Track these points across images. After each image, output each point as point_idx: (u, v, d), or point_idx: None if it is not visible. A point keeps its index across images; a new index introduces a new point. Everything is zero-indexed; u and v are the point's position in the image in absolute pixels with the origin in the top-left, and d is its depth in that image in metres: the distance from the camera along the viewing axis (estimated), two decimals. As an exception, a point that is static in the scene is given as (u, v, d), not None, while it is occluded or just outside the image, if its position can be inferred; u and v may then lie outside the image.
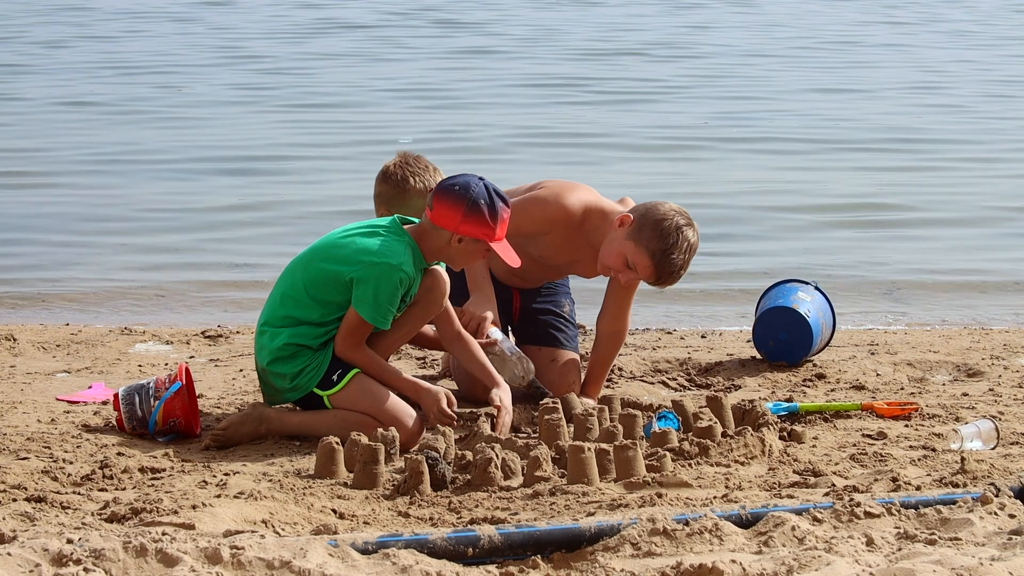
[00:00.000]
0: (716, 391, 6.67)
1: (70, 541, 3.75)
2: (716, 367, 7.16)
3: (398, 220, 5.80)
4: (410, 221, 5.82)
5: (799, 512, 4.34)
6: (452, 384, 6.64)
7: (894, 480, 4.94)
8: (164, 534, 3.86)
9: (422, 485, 4.98)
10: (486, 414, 5.94)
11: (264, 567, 3.71)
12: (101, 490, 4.95)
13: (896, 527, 4.29)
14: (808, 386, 6.77)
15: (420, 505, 4.86)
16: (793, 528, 4.18)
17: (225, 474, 5.16)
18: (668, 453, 5.30)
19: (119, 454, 5.43)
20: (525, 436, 5.85)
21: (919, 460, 5.38)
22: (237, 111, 16.12)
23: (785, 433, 5.79)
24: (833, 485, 4.93)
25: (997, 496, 4.49)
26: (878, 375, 6.97)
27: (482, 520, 4.57)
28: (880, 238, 10.79)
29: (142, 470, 5.22)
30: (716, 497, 4.84)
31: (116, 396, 5.78)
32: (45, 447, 5.45)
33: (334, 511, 4.72)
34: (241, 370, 6.96)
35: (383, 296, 5.64)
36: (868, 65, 21.42)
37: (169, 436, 5.74)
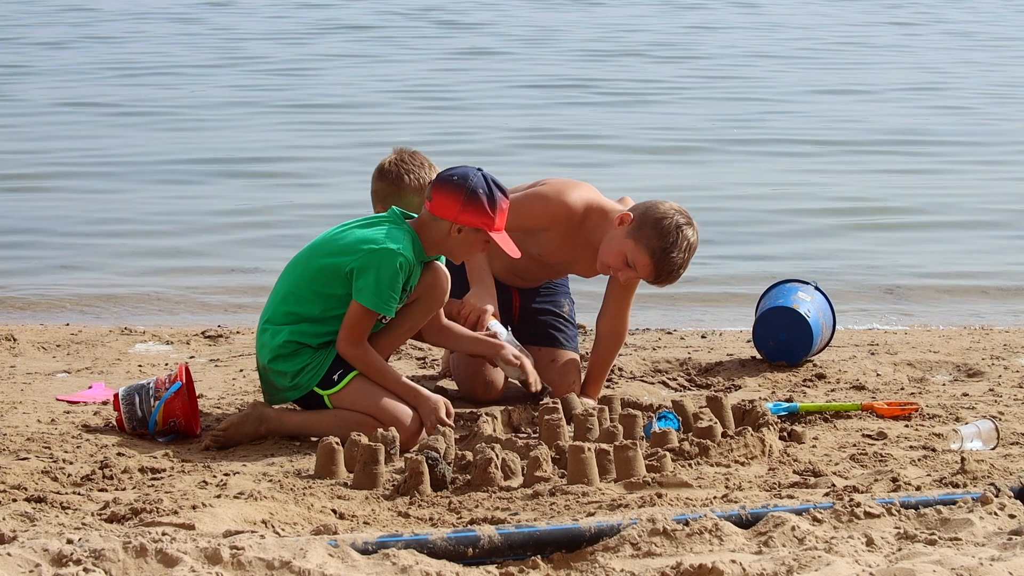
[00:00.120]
0: (716, 391, 6.66)
1: (70, 541, 3.75)
2: (716, 367, 7.16)
3: (398, 212, 5.80)
4: (410, 216, 5.82)
5: (799, 512, 4.34)
6: (452, 384, 6.64)
7: (894, 480, 4.94)
8: (164, 534, 3.86)
9: (422, 485, 4.98)
10: (486, 413, 5.94)
11: (264, 567, 3.71)
12: (101, 490, 4.95)
13: (896, 527, 4.29)
14: (808, 386, 6.77)
15: (420, 505, 4.86)
16: (793, 528, 4.18)
17: (225, 474, 5.16)
18: (668, 453, 5.30)
19: (119, 454, 5.43)
20: (525, 436, 5.85)
21: (919, 460, 5.38)
22: (237, 113, 16.10)
23: (785, 433, 5.79)
24: (833, 485, 4.93)
25: (997, 496, 4.49)
26: (878, 375, 6.97)
27: (482, 520, 4.57)
28: (882, 240, 10.78)
29: (142, 470, 5.22)
30: (716, 497, 4.84)
31: (116, 396, 5.78)
32: (45, 447, 5.45)
33: (334, 511, 4.72)
34: (241, 370, 6.96)
35: (384, 281, 5.60)
36: (871, 66, 21.40)
37: (169, 436, 5.74)
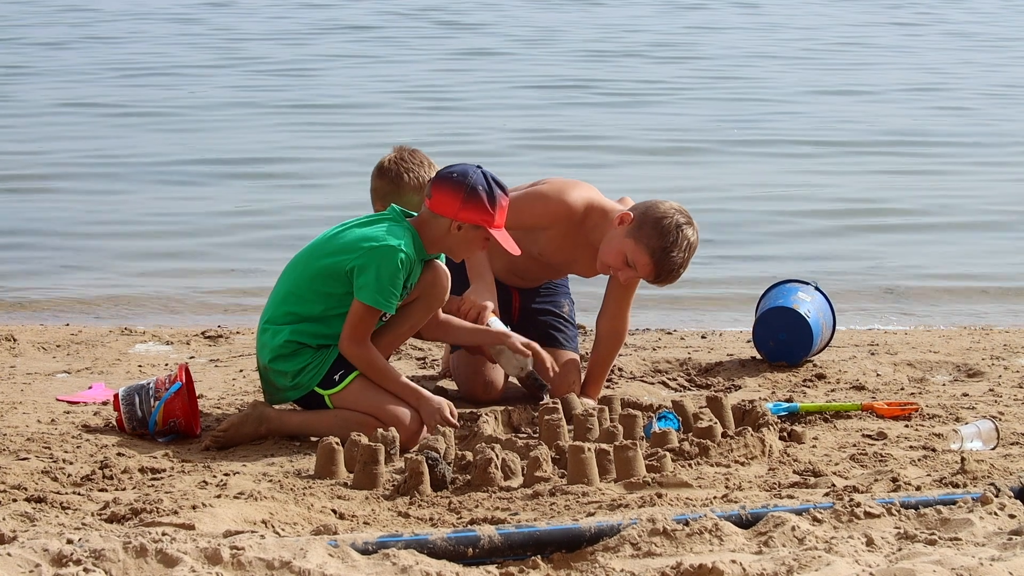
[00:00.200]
0: (716, 391, 6.66)
1: (70, 541, 3.75)
2: (716, 367, 7.16)
3: (398, 210, 5.79)
4: (410, 214, 5.81)
5: (799, 512, 4.34)
6: (452, 384, 6.64)
7: (894, 480, 4.94)
8: (164, 534, 3.86)
9: (422, 485, 4.98)
10: (486, 413, 5.94)
11: (264, 567, 3.71)
12: (101, 490, 4.95)
13: (896, 527, 4.29)
14: (808, 386, 6.77)
15: (420, 505, 4.86)
16: (793, 528, 4.18)
17: (225, 474, 5.16)
18: (668, 453, 5.30)
19: (119, 454, 5.43)
20: (525, 436, 5.85)
21: (919, 460, 5.38)
22: (238, 113, 16.09)
23: (785, 433, 5.79)
24: (833, 485, 4.93)
25: (997, 496, 4.49)
26: (878, 375, 6.97)
27: (482, 520, 4.57)
28: (882, 241, 10.77)
29: (142, 470, 5.22)
30: (716, 497, 4.84)
31: (116, 396, 5.78)
32: (45, 447, 5.45)
33: (334, 511, 4.72)
34: (241, 370, 6.96)
35: (385, 278, 5.59)
36: (872, 67, 21.40)
37: (169, 436, 5.74)
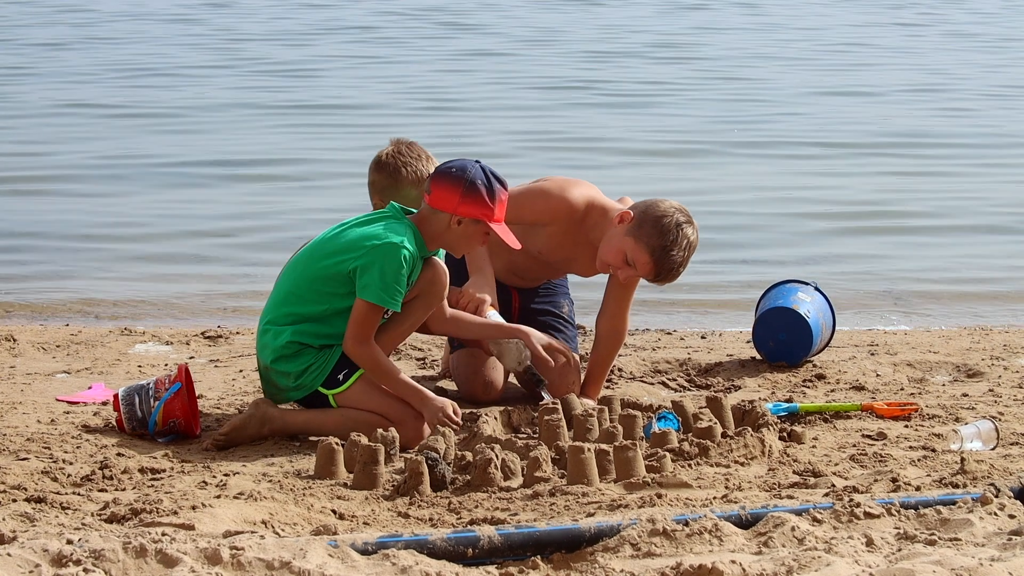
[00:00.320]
0: (716, 392, 6.66)
1: (70, 542, 3.75)
2: (716, 368, 7.16)
3: (397, 207, 5.79)
4: (409, 211, 5.81)
5: (799, 512, 4.34)
6: (452, 384, 6.64)
7: (894, 480, 4.94)
8: (164, 535, 3.86)
9: (422, 486, 4.98)
10: (486, 412, 5.94)
11: (264, 568, 3.71)
12: (101, 491, 4.95)
13: (896, 527, 4.29)
14: (808, 387, 6.77)
15: (420, 506, 4.86)
16: (793, 528, 4.18)
17: (225, 475, 5.16)
18: (668, 454, 5.30)
19: (119, 455, 5.43)
20: (525, 436, 5.85)
21: (919, 460, 5.38)
22: (239, 115, 16.07)
23: (785, 433, 5.79)
24: (833, 486, 4.93)
25: (997, 496, 4.49)
26: (878, 375, 6.97)
27: (482, 521, 4.57)
28: (883, 243, 10.77)
29: (142, 471, 5.22)
30: (716, 498, 4.84)
31: (116, 397, 5.78)
32: (45, 448, 5.45)
33: (334, 512, 4.72)
34: (241, 371, 6.96)
35: (389, 275, 5.58)
36: (874, 68, 21.38)
37: (169, 437, 5.74)
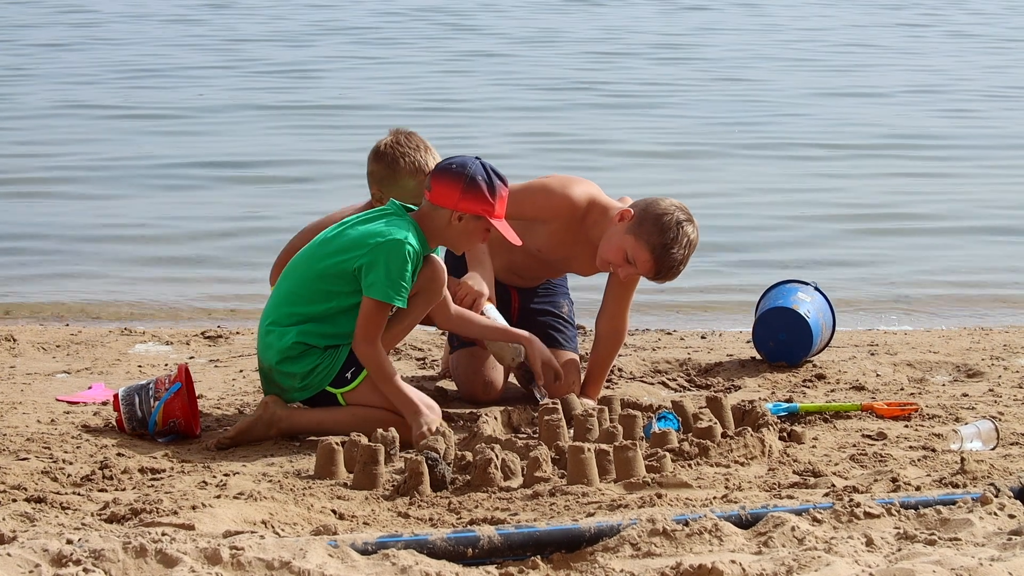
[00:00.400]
0: (716, 392, 6.66)
1: (70, 542, 3.75)
2: (716, 368, 7.16)
3: (397, 204, 5.79)
4: (410, 208, 5.81)
5: (799, 512, 4.34)
6: (451, 385, 6.64)
7: (894, 480, 4.94)
8: (164, 535, 3.86)
9: (422, 486, 4.98)
10: (486, 412, 5.94)
11: (264, 568, 3.71)
12: (101, 491, 4.95)
13: (896, 527, 4.29)
14: (808, 387, 6.77)
15: (420, 506, 4.86)
16: (793, 528, 4.18)
17: (225, 475, 5.16)
18: (668, 454, 5.30)
19: (119, 455, 5.43)
20: (525, 437, 5.85)
21: (919, 460, 5.38)
22: (239, 116, 16.05)
23: (785, 433, 5.79)
24: (833, 485, 4.93)
25: (997, 496, 4.49)
26: (878, 375, 6.98)
27: (482, 521, 4.57)
28: (884, 244, 10.76)
29: (142, 471, 5.22)
30: (716, 497, 4.84)
31: (116, 397, 5.78)
32: (45, 448, 5.45)
33: (334, 512, 4.72)
34: (241, 371, 6.96)
35: (394, 271, 5.58)
36: (877, 68, 21.37)
37: (169, 437, 5.74)
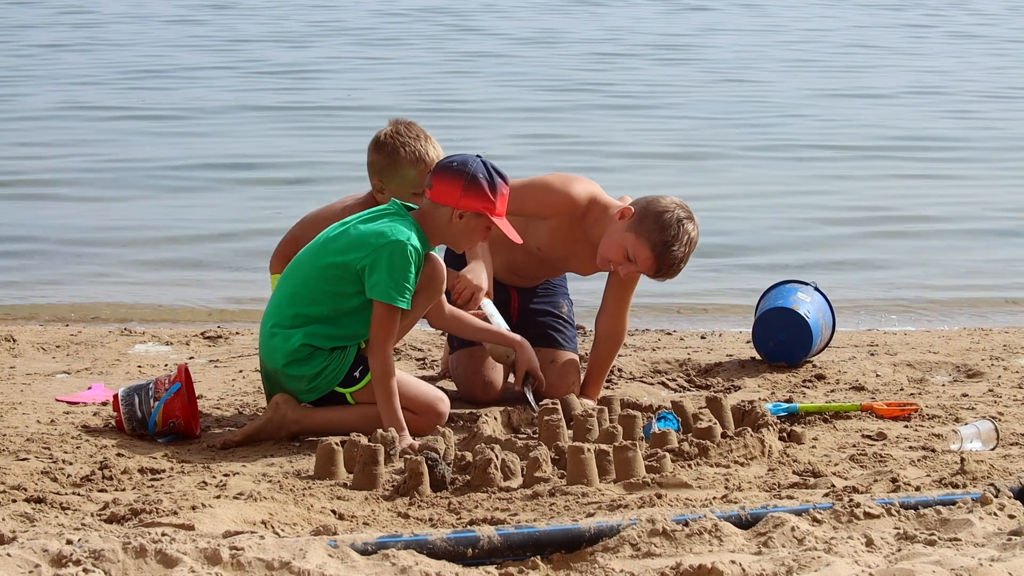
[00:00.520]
0: (716, 392, 6.66)
1: (70, 542, 3.75)
2: (716, 368, 7.16)
3: (399, 203, 5.79)
4: (411, 207, 5.81)
5: (799, 513, 4.34)
6: (451, 385, 6.64)
7: (894, 481, 4.94)
8: (164, 535, 3.86)
9: (422, 486, 4.98)
10: (486, 412, 5.94)
11: (264, 568, 3.71)
12: (101, 491, 4.95)
13: (896, 528, 4.30)
14: (808, 387, 6.77)
15: (420, 506, 4.86)
16: (793, 529, 4.18)
17: (224, 475, 5.16)
18: (668, 454, 5.30)
19: (119, 455, 5.43)
20: (525, 437, 5.85)
21: (919, 461, 5.38)
22: (240, 117, 16.03)
23: (785, 434, 5.79)
24: (833, 486, 4.93)
25: (997, 497, 4.49)
26: (878, 376, 6.98)
27: (482, 521, 4.57)
28: (885, 245, 10.76)
29: (142, 471, 5.22)
30: (716, 498, 4.84)
31: (116, 397, 5.78)
32: (45, 448, 5.45)
33: (334, 512, 4.72)
34: (241, 371, 6.96)
35: (397, 272, 5.58)
36: (878, 69, 21.35)
37: (169, 437, 5.74)
